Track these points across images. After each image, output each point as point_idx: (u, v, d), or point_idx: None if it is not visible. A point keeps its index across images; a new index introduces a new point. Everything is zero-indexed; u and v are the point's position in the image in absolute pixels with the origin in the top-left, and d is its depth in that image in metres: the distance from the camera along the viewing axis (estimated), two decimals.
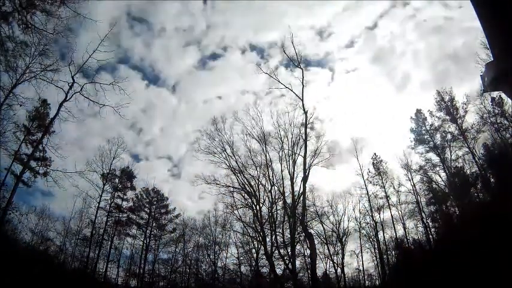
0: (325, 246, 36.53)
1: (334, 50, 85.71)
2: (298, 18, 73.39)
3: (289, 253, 26.58)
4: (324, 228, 36.41)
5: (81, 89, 23.12)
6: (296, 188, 26.18)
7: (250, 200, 27.53)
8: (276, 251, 27.40)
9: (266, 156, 27.92)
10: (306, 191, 25.30)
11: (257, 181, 27.81)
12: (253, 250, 36.19)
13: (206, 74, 75.98)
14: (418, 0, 71.32)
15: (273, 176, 27.68)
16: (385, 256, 35.22)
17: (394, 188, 36.53)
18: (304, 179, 24.32)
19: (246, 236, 35.08)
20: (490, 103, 31.55)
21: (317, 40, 73.28)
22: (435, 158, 34.65)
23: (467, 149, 32.14)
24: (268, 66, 68.87)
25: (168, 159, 69.49)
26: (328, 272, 37.89)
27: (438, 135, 35.28)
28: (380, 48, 79.50)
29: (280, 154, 27.96)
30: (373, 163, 38.74)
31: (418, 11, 77.67)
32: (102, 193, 33.83)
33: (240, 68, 76.30)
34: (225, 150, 27.70)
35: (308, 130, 25.45)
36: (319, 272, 35.52)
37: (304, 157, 24.62)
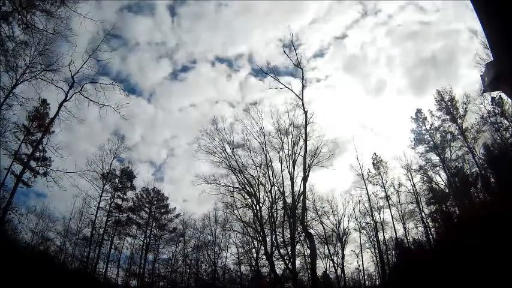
0: (325, 246, 36.57)
1: (304, 60, 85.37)
2: (265, 32, 77.86)
3: (289, 253, 26.59)
4: (324, 228, 36.44)
5: (81, 89, 23.17)
6: (296, 188, 26.23)
7: (250, 200, 27.56)
8: (276, 251, 27.41)
9: (266, 156, 27.97)
10: (306, 190, 25.34)
11: (257, 181, 27.86)
12: (253, 250, 36.21)
13: (179, 85, 79.05)
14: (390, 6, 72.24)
15: (273, 176, 27.73)
16: (385, 256, 35.20)
17: (394, 188, 36.57)
18: (304, 179, 24.34)
19: (246, 236, 35.10)
20: (490, 103, 31.58)
21: (287, 51, 74.21)
22: (435, 158, 34.68)
23: (467, 149, 32.15)
24: (238, 76, 75.94)
25: (150, 164, 70.77)
26: (328, 271, 37.92)
27: (438, 135, 35.29)
28: (353, 56, 78.47)
29: (280, 154, 28.02)
30: (373, 163, 38.77)
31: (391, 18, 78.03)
32: (102, 193, 33.89)
33: (212, 78, 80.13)
34: (225, 150, 27.76)
35: (308, 130, 25.46)
36: (319, 272, 35.55)
37: (304, 157, 24.63)
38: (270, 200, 27.54)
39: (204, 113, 72.04)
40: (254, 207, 26.98)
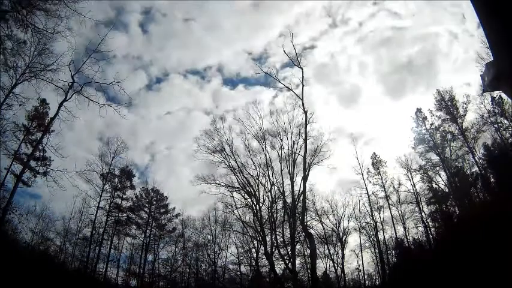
0: (325, 246, 36.58)
1: (273, 70, 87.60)
2: (234, 46, 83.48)
3: (289, 253, 26.59)
4: (324, 228, 36.46)
5: (81, 89, 23.14)
6: (296, 188, 26.24)
7: (250, 200, 27.57)
8: (276, 251, 27.42)
9: (266, 155, 27.99)
10: (306, 190, 25.33)
11: (257, 181, 27.87)
12: (253, 250, 36.23)
13: (154, 95, 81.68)
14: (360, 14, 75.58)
15: (272, 176, 27.74)
16: (385, 256, 35.21)
17: (394, 187, 36.58)
18: (304, 179, 24.32)
19: (246, 236, 35.12)
20: (490, 103, 31.55)
21: (257, 64, 79.22)
22: (435, 158, 34.67)
23: (467, 149, 32.12)
24: (210, 86, 79.83)
25: (135, 169, 72.40)
26: (328, 271, 37.93)
27: (438, 135, 35.27)
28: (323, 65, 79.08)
29: (280, 153, 28.04)
30: (372, 163, 38.73)
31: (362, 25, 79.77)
32: (102, 193, 33.87)
33: (185, 89, 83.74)
34: (224, 150, 27.76)
35: (308, 129, 25.46)
36: (319, 272, 35.54)
37: (304, 156, 24.62)
38: (270, 199, 27.57)
39: (180, 121, 76.03)
40: (254, 207, 26.99)
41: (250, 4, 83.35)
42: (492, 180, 30.04)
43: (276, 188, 27.58)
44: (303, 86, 25.87)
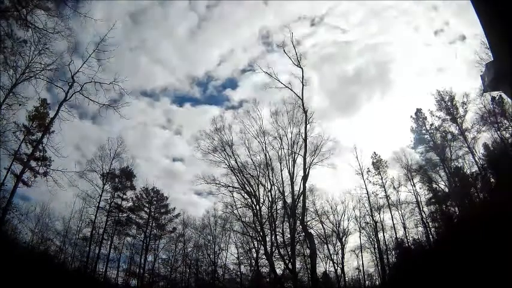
0: (325, 246, 36.57)
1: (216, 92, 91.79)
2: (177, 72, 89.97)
3: (289, 253, 26.59)
4: (324, 228, 36.44)
5: (81, 89, 23.18)
6: (296, 188, 26.23)
7: (250, 200, 27.57)
8: (276, 251, 27.41)
9: (266, 155, 27.99)
10: (306, 190, 25.33)
11: (257, 181, 27.87)
12: (253, 250, 36.21)
13: (113, 112, 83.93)
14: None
15: (272, 176, 27.75)
16: (385, 256, 35.20)
17: (394, 187, 36.57)
18: (304, 179, 24.34)
19: (246, 236, 35.09)
20: (490, 102, 31.54)
21: (202, 87, 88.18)
22: (435, 158, 34.66)
23: (467, 149, 32.12)
24: (160, 105, 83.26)
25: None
26: (328, 271, 37.92)
27: (438, 135, 35.30)
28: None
29: (280, 153, 28.05)
30: (372, 162, 38.71)
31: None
32: (102, 193, 33.86)
33: (140, 108, 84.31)
34: (225, 150, 27.77)
35: (308, 129, 25.46)
36: (319, 272, 35.53)
37: (304, 156, 24.65)
38: (270, 199, 27.58)
39: (139, 134, 79.26)
40: (254, 207, 27.00)
41: (187, 37, 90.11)
42: (492, 180, 30.02)
43: (275, 188, 27.62)
44: (303, 85, 25.90)
